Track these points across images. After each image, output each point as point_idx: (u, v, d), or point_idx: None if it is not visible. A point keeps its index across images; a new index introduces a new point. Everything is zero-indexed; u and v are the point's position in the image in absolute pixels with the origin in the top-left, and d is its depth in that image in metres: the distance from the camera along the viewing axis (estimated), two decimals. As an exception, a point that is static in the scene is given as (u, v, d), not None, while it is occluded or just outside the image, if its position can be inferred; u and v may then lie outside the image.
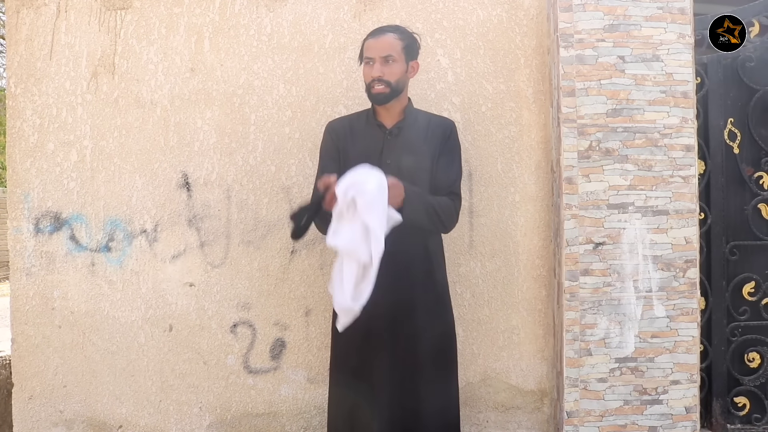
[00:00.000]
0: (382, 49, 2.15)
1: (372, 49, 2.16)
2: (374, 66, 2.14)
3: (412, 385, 2.13)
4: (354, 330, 2.02)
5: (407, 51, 2.19)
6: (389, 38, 2.16)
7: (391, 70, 2.14)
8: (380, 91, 2.15)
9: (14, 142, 2.61)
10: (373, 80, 2.15)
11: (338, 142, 2.26)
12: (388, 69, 2.14)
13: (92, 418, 2.62)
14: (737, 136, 2.83)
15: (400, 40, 2.17)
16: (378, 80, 2.14)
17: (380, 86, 2.14)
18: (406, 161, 2.17)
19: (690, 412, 2.56)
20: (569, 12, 2.55)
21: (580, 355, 2.54)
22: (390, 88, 2.15)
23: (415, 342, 2.14)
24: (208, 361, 2.63)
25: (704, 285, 2.79)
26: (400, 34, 2.18)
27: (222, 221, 2.63)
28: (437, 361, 2.18)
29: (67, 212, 2.61)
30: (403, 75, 2.18)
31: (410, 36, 2.21)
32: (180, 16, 2.63)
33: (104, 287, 2.61)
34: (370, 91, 2.17)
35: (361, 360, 2.15)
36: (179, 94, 2.63)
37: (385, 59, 2.14)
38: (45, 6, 2.62)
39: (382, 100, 2.18)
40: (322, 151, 2.31)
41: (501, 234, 2.68)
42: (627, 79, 2.55)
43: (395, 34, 2.18)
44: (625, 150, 2.55)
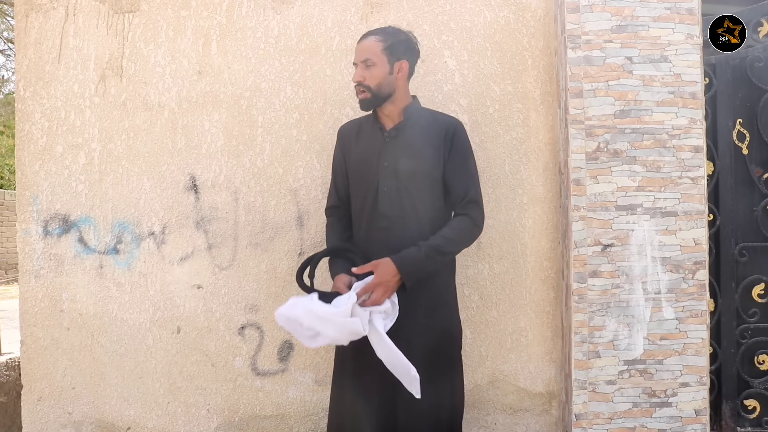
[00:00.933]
0: (362, 53, 2.14)
1: (356, 53, 2.17)
2: (356, 71, 2.15)
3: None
4: None
5: (390, 51, 2.14)
6: (369, 41, 2.15)
7: (371, 73, 2.13)
8: (363, 97, 2.15)
9: (23, 145, 2.62)
10: (355, 85, 2.16)
11: (343, 147, 2.28)
12: (368, 73, 2.13)
13: (100, 420, 2.62)
14: (746, 136, 2.82)
15: (380, 41, 2.14)
16: (359, 85, 2.14)
17: (363, 92, 2.15)
18: (403, 164, 2.14)
19: (699, 414, 2.54)
20: (576, 13, 2.54)
21: (589, 357, 2.53)
22: (371, 93, 2.14)
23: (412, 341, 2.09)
24: (216, 363, 2.63)
25: (713, 287, 2.77)
26: (382, 35, 2.15)
27: (229, 223, 2.63)
28: (437, 361, 2.13)
29: (76, 215, 2.62)
30: (385, 77, 2.14)
31: (395, 35, 2.16)
32: (187, 19, 2.64)
33: (112, 289, 2.62)
34: (357, 96, 2.18)
35: (359, 360, 2.11)
36: (187, 97, 2.63)
37: (365, 63, 2.13)
38: (53, 10, 2.63)
39: (365, 106, 2.18)
40: (334, 160, 2.34)
41: (509, 236, 2.68)
42: (635, 80, 2.54)
43: (377, 36, 2.15)
44: (633, 151, 2.54)
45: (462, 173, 2.18)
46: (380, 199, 2.14)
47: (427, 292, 2.13)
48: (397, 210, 2.13)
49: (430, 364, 2.11)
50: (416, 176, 2.14)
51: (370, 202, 2.16)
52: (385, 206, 2.14)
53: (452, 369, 2.20)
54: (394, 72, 2.16)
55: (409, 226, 2.13)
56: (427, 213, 2.16)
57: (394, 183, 2.14)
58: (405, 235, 2.11)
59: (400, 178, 2.12)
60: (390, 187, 2.14)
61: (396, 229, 2.13)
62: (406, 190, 2.14)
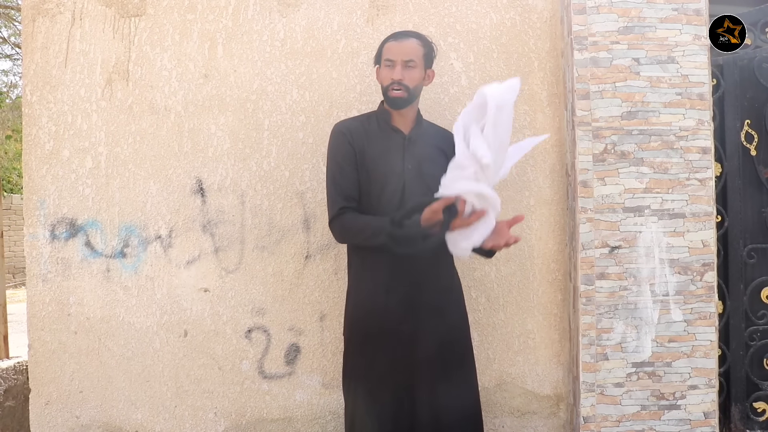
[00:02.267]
0: (405, 53, 2.13)
1: (393, 52, 2.15)
2: (395, 69, 2.13)
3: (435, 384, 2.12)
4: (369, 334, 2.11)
5: (426, 58, 2.19)
6: (412, 43, 2.15)
7: (411, 75, 2.14)
8: (398, 95, 2.13)
9: (30, 149, 2.63)
10: (392, 83, 2.13)
11: (354, 143, 2.19)
12: (408, 74, 2.13)
13: (108, 424, 2.63)
14: (754, 137, 2.81)
15: (421, 46, 2.17)
16: (398, 83, 2.12)
17: (398, 90, 2.13)
18: (425, 168, 2.16)
19: (708, 417, 2.53)
20: (583, 14, 2.53)
21: (597, 359, 2.52)
22: (408, 93, 2.14)
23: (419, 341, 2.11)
24: (223, 367, 2.63)
25: (722, 288, 2.76)
26: (422, 41, 2.18)
27: (236, 227, 2.63)
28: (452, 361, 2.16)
29: (83, 218, 2.62)
30: (420, 82, 2.18)
31: (430, 44, 2.21)
32: (193, 22, 2.64)
33: (119, 293, 2.62)
34: (387, 93, 2.15)
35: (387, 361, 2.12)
36: (193, 100, 2.63)
37: (407, 63, 2.13)
38: (60, 14, 2.64)
39: (399, 105, 2.16)
40: (338, 154, 2.20)
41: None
42: (642, 82, 2.53)
43: (418, 40, 2.17)
44: (641, 153, 2.53)
45: None
46: (407, 201, 2.11)
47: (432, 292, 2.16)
48: None
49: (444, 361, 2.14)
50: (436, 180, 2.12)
51: (397, 203, 2.13)
52: None
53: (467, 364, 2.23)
54: (425, 79, 2.21)
55: None
56: None
57: (420, 185, 2.15)
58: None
59: (424, 181, 2.14)
60: (417, 190, 2.14)
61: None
62: (430, 192, 2.11)
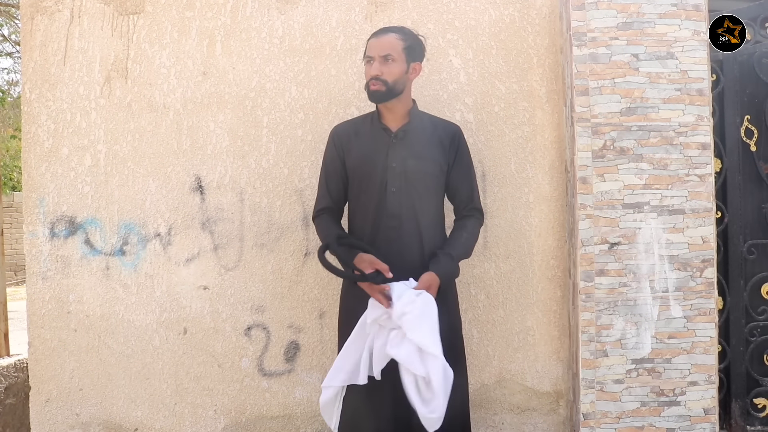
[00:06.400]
0: (382, 48, 2.16)
1: (372, 48, 2.18)
2: (373, 65, 2.16)
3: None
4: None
5: (408, 52, 2.19)
6: (390, 38, 2.17)
7: (389, 69, 2.15)
8: (376, 89, 2.16)
9: (29, 147, 2.63)
10: (371, 78, 2.16)
11: (341, 148, 2.28)
12: (386, 68, 2.15)
13: (108, 421, 2.63)
14: (754, 133, 2.80)
15: (401, 40, 2.17)
16: (375, 78, 2.15)
17: (376, 84, 2.15)
18: (411, 165, 2.18)
19: (708, 413, 2.53)
20: (582, 10, 2.53)
21: (596, 356, 2.52)
22: (386, 87, 2.15)
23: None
24: (222, 364, 2.63)
25: (722, 284, 2.75)
26: (402, 35, 2.19)
27: (235, 224, 2.63)
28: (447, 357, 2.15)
29: (82, 216, 2.62)
30: (402, 75, 2.18)
31: (414, 37, 2.21)
32: (192, 20, 2.64)
33: (119, 291, 2.62)
34: (368, 88, 2.19)
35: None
36: (192, 98, 2.63)
37: (384, 58, 2.15)
38: (59, 12, 2.64)
39: (378, 98, 2.19)
40: (327, 160, 2.32)
41: (515, 235, 2.67)
42: (641, 77, 2.53)
43: (397, 35, 2.18)
44: (640, 149, 2.53)
45: (467, 178, 2.29)
46: (389, 199, 2.18)
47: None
48: (406, 210, 2.18)
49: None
50: (425, 177, 2.20)
51: (377, 202, 2.19)
52: (395, 206, 2.18)
53: (459, 364, 2.23)
54: (409, 72, 2.21)
55: (417, 225, 2.20)
56: (431, 212, 2.23)
57: (403, 184, 2.18)
58: (413, 234, 2.19)
59: (408, 179, 2.18)
60: (399, 188, 2.18)
61: (405, 228, 2.18)
62: (415, 191, 2.19)
